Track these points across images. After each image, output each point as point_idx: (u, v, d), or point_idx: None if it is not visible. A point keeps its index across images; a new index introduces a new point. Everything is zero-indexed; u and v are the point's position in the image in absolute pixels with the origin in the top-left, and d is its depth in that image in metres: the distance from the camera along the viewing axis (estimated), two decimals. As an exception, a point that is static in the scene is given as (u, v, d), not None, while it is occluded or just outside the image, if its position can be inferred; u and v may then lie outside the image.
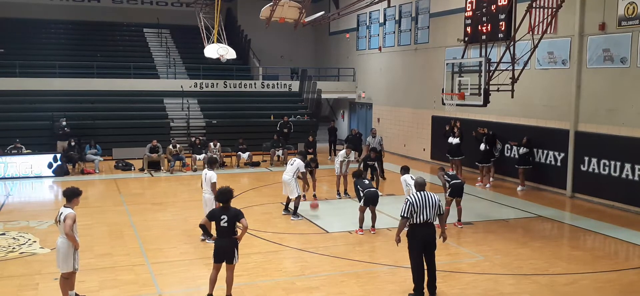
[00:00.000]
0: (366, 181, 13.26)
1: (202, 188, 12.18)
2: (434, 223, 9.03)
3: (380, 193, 14.22)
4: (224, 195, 8.82)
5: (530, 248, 11.94)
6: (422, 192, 8.95)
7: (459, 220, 13.47)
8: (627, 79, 15.45)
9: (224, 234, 8.65)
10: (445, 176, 13.47)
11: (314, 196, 16.42)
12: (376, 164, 17.10)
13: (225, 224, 8.60)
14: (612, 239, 12.84)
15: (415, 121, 24.79)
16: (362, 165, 16.68)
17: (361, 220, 12.87)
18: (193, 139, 22.61)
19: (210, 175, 11.81)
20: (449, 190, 13.29)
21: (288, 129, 24.63)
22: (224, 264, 8.76)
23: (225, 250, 8.65)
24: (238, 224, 8.68)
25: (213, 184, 11.58)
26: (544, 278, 10.14)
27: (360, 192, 12.86)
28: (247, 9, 31.65)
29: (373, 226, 12.92)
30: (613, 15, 15.64)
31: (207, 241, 11.89)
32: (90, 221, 13.50)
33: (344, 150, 16.78)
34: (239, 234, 8.76)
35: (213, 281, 8.82)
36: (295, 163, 14.31)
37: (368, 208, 12.83)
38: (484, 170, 18.87)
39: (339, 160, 16.52)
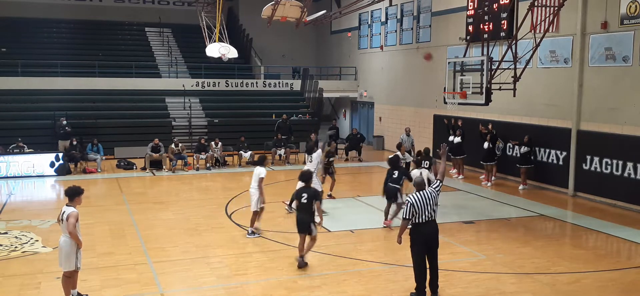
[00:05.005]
0: (395, 174, 13.22)
1: (250, 184, 12.59)
2: (436, 220, 9.02)
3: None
4: (304, 176, 10.88)
5: (532, 247, 11.93)
6: (422, 191, 8.92)
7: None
8: (629, 78, 15.43)
9: (303, 209, 10.31)
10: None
11: (329, 195, 16.10)
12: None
13: (305, 201, 10.27)
14: (614, 238, 12.83)
15: (417, 120, 24.77)
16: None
17: (386, 212, 13.27)
18: (201, 140, 22.50)
19: (259, 171, 12.34)
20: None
21: (289, 133, 24.35)
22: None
23: (304, 222, 10.26)
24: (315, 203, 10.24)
25: (261, 180, 12.20)
26: (546, 277, 10.14)
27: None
28: (249, 8, 31.64)
29: (386, 219, 13.26)
30: (615, 13, 15.62)
31: (248, 235, 12.34)
32: (92, 220, 13.52)
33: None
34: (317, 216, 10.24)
35: (300, 248, 10.42)
36: (313, 158, 14.36)
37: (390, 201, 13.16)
38: (487, 168, 18.85)
39: None
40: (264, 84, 29.92)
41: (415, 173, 13.58)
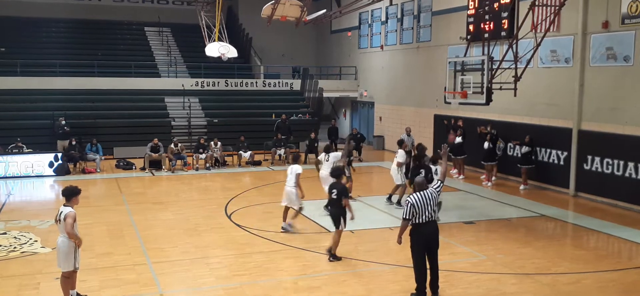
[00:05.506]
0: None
1: (286, 182, 12.73)
2: (437, 221, 8.98)
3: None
4: (335, 171, 11.14)
5: (533, 248, 11.89)
6: (422, 192, 8.87)
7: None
8: (630, 78, 15.38)
9: (333, 204, 10.67)
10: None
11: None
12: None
13: (335, 196, 10.57)
14: (615, 239, 12.78)
15: (417, 120, 24.73)
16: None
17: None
18: (200, 140, 22.41)
19: (296, 168, 12.64)
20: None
21: (288, 133, 24.30)
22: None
23: (334, 216, 10.66)
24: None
25: (298, 175, 12.51)
26: (546, 278, 10.10)
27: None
28: (249, 8, 31.56)
29: None
30: (616, 13, 15.57)
31: (282, 229, 12.76)
32: (91, 221, 13.48)
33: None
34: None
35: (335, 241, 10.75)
36: (330, 157, 14.50)
37: None
38: (488, 168, 18.81)
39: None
40: (264, 83, 29.88)
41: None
